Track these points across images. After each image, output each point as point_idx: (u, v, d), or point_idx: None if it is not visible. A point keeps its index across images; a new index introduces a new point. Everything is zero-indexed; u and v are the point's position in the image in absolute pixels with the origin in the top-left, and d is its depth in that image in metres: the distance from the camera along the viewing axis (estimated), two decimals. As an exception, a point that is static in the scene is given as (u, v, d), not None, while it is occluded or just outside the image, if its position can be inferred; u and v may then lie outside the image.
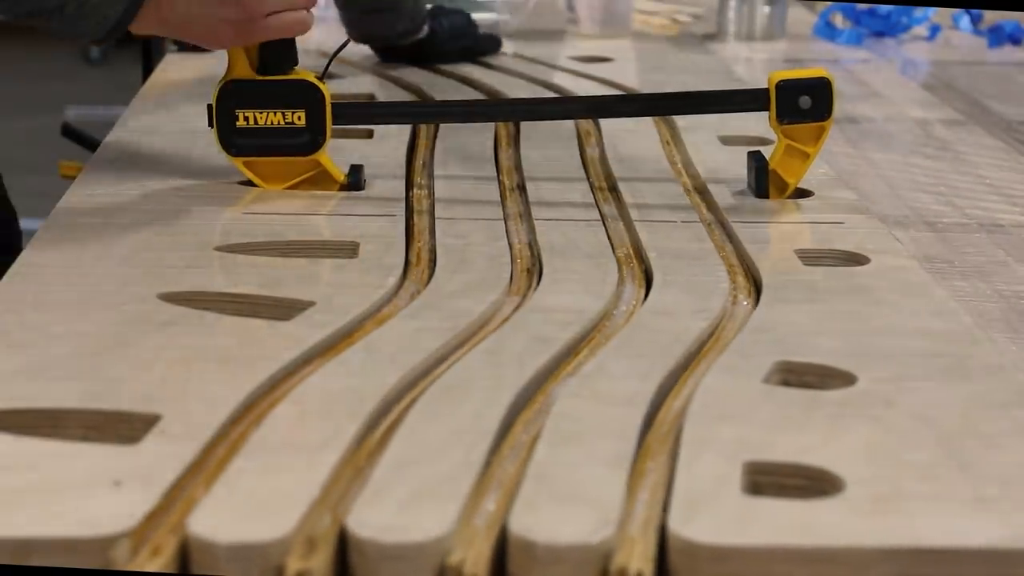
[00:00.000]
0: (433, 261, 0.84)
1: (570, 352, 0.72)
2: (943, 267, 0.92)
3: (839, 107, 1.33)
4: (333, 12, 1.67)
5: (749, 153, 1.00)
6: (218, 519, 0.54)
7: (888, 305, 0.66)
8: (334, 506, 0.56)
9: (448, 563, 0.54)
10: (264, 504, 0.56)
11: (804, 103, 0.97)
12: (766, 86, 0.97)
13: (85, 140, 1.79)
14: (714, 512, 0.56)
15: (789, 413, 0.65)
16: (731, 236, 0.91)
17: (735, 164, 1.04)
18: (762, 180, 0.98)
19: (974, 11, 1.79)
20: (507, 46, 1.58)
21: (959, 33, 1.80)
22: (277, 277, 0.76)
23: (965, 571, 0.54)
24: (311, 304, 0.76)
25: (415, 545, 0.53)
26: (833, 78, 0.97)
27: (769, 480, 0.59)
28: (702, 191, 1.01)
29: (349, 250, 0.85)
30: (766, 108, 0.97)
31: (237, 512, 0.55)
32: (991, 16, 1.80)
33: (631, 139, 1.13)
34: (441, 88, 1.33)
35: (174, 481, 0.57)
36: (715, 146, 1.12)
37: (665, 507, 0.56)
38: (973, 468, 0.60)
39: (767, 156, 0.99)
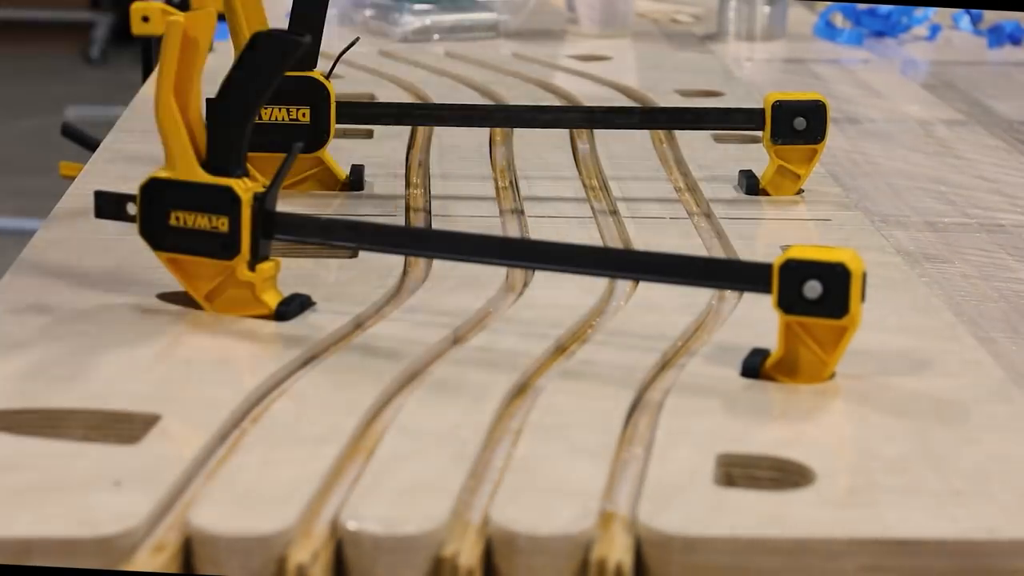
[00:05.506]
0: (431, 259, 0.84)
1: (561, 347, 0.73)
2: (943, 267, 0.92)
3: (840, 106, 1.34)
4: (336, 12, 1.68)
5: (740, 172, 1.01)
6: (220, 512, 0.55)
7: (870, 301, 0.67)
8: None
9: (442, 555, 0.54)
10: (266, 496, 0.56)
11: (799, 124, 0.97)
12: (762, 106, 0.98)
13: (85, 140, 1.79)
14: (685, 503, 0.57)
15: (765, 406, 0.66)
16: (719, 232, 0.92)
17: (727, 161, 1.05)
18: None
19: (974, 11, 1.79)
20: (507, 46, 1.58)
21: (959, 33, 1.80)
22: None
23: (934, 562, 0.55)
24: (312, 304, 0.76)
25: (410, 537, 0.54)
26: (828, 102, 0.97)
27: (742, 472, 0.60)
28: (692, 188, 1.02)
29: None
30: (761, 127, 0.98)
31: (239, 505, 0.56)
32: (991, 16, 1.80)
33: (623, 136, 1.13)
34: (438, 88, 1.33)
35: (174, 481, 0.57)
36: (708, 143, 1.12)
37: (638, 498, 0.57)
38: (946, 462, 0.61)
39: (759, 161, 0.99)
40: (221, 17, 0.97)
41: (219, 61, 0.93)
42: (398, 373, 0.68)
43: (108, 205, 0.78)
